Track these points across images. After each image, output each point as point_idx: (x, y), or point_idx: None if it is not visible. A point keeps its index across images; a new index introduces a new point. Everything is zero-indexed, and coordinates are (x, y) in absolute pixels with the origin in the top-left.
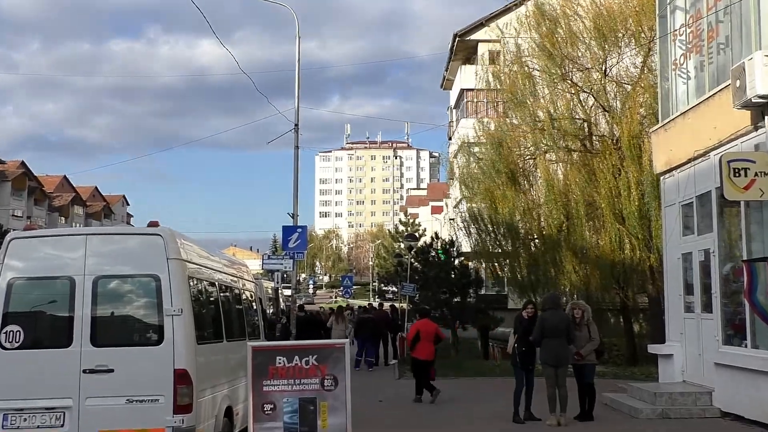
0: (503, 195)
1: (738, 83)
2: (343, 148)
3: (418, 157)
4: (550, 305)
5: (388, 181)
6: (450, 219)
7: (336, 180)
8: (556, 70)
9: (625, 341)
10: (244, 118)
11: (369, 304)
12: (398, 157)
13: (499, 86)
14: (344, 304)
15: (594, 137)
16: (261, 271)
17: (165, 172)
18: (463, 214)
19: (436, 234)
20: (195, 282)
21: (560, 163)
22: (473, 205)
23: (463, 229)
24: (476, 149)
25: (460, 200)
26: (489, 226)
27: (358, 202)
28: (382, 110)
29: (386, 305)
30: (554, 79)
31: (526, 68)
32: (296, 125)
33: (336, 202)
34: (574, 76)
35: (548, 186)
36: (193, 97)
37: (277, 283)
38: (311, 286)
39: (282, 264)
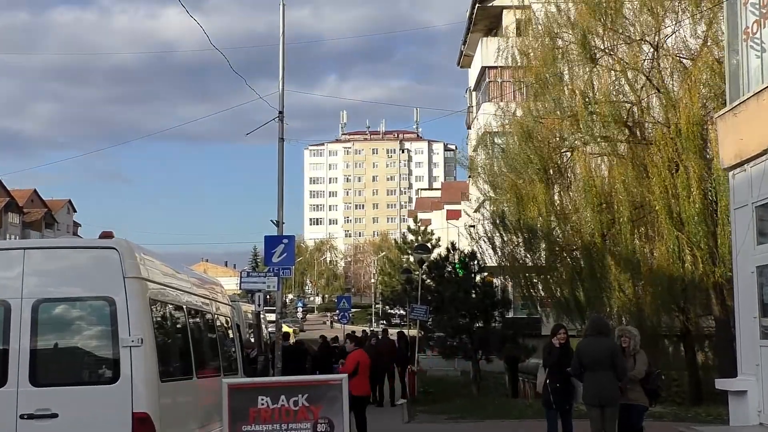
0: (534, 196)
1: None
2: (338, 140)
3: (430, 150)
4: (591, 331)
5: (393, 180)
6: (470, 226)
7: (330, 179)
8: (598, 42)
9: (687, 375)
10: (219, 105)
11: (366, 331)
12: (405, 151)
13: (527, 63)
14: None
15: (645, 124)
16: (239, 292)
17: (121, 171)
18: (486, 220)
19: (452, 244)
20: (158, 306)
21: (603, 157)
22: (498, 209)
23: (485, 238)
24: (501, 140)
25: (482, 203)
26: (517, 234)
27: (356, 206)
28: (387, 94)
29: (391, 332)
30: (595, 54)
31: (560, 41)
32: (281, 113)
33: (330, 207)
34: (619, 50)
35: (588, 185)
36: (155, 80)
37: (259, 306)
38: (300, 310)
39: (264, 283)
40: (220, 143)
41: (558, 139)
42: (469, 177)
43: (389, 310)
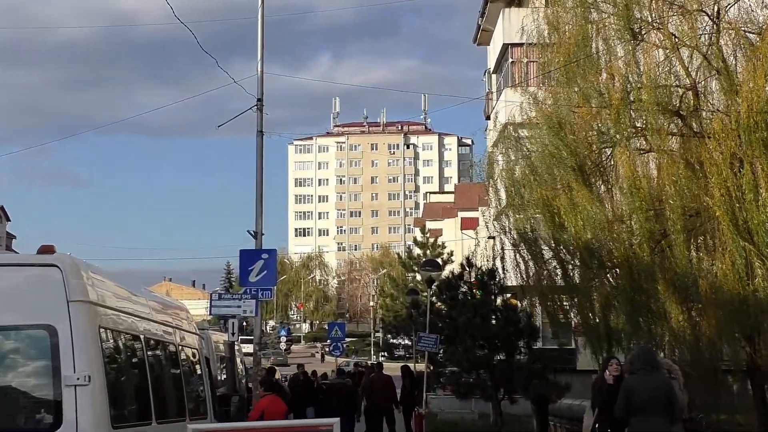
0: (567, 202)
1: None
2: (329, 134)
3: (440, 145)
4: (641, 364)
5: (396, 182)
6: (489, 237)
7: (320, 181)
8: (644, 13)
9: (755, 417)
10: (187, 92)
11: (359, 365)
12: (411, 146)
13: (558, 40)
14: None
15: (702, 113)
16: (208, 318)
17: (67, 171)
18: (509, 231)
19: (468, 260)
20: (110, 335)
21: (651, 153)
22: (522, 217)
23: (508, 252)
24: (526, 133)
25: (504, 210)
26: (547, 247)
27: (352, 213)
28: (389, 77)
29: (394, 366)
30: (641, 28)
31: (595, 12)
32: (259, 100)
33: (320, 215)
34: (670, 23)
35: (633, 187)
36: (110, 61)
37: (233, 335)
38: (284, 339)
39: (239, 307)
40: (188, 138)
41: (595, 132)
42: (488, 179)
43: (391, 340)
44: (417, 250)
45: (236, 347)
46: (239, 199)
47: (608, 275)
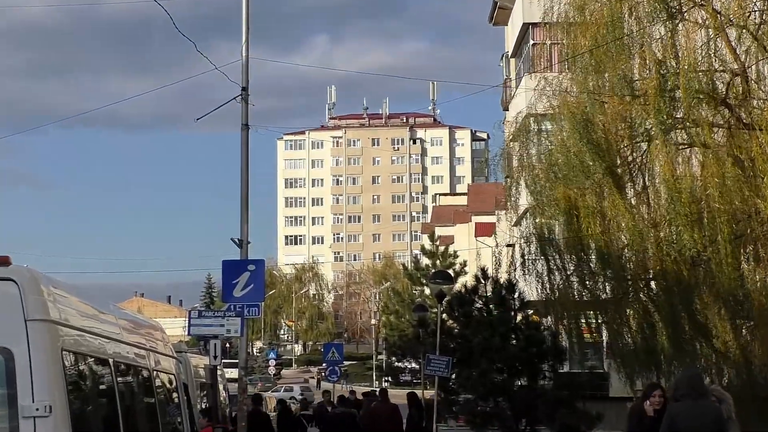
0: (595, 205)
1: None
2: (324, 127)
3: (451, 140)
4: (687, 390)
5: (401, 182)
6: (507, 245)
7: (313, 181)
8: None
9: None
10: (163, 80)
11: (355, 393)
12: (418, 141)
13: (584, 19)
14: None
15: (753, 102)
16: (186, 339)
17: (27, 170)
18: (530, 238)
19: (483, 271)
20: (74, 359)
21: (693, 149)
22: (544, 223)
23: (529, 262)
24: (549, 126)
25: (525, 214)
26: (573, 257)
27: (350, 218)
28: (393, 62)
29: (399, 393)
30: (680, 5)
31: None
32: (244, 89)
33: (314, 220)
34: (714, 0)
35: (671, 189)
36: (73, 45)
37: (215, 358)
38: (273, 363)
39: (222, 326)
40: (166, 132)
41: (628, 125)
42: (506, 178)
43: (396, 363)
44: (425, 260)
45: (219, 372)
46: (222, 202)
47: (645, 289)
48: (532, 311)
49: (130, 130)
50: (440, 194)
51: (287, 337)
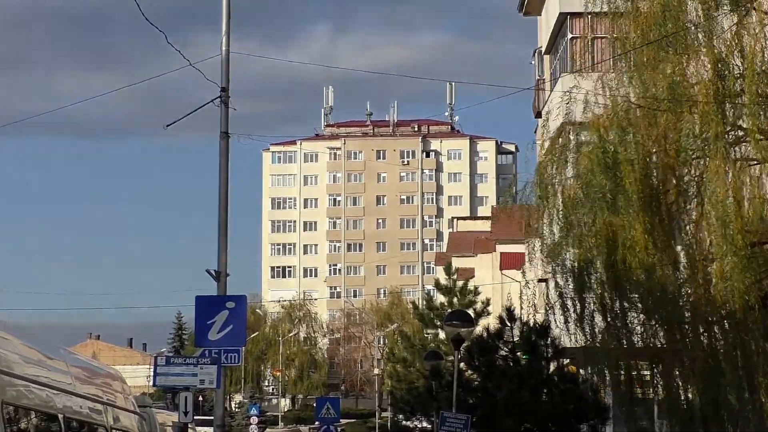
0: (645, 236)
1: None
2: (319, 136)
3: (472, 153)
4: None
5: (411, 203)
6: (539, 280)
7: (305, 202)
8: None
9: None
10: (124, 78)
11: None
12: (432, 154)
13: (633, 9)
14: None
15: None
16: (151, 391)
17: None
18: (566, 273)
19: (510, 312)
20: (17, 414)
21: (762, 165)
22: (584, 254)
23: (566, 302)
24: (589, 137)
25: (560, 244)
26: (618, 296)
27: (350, 245)
28: (404, 59)
29: None
30: None
31: None
32: (224, 90)
33: (306, 248)
34: None
35: (723, 217)
36: (22, 34)
37: (186, 414)
38: (255, 421)
39: (195, 375)
40: (129, 139)
41: (683, 136)
42: (540, 199)
43: (404, 422)
44: (440, 298)
45: (190, 431)
46: (197, 226)
47: (708, 333)
48: (568, 360)
49: (83, 137)
50: (458, 218)
51: (272, 389)
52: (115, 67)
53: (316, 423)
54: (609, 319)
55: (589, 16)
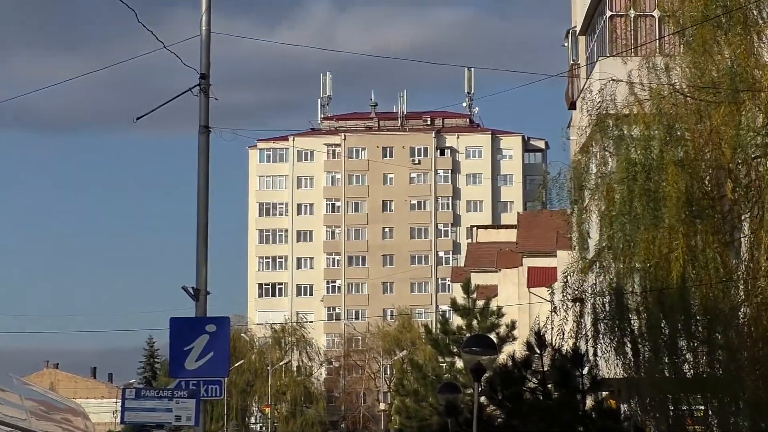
0: (696, 249)
1: None
2: (315, 131)
3: (495, 150)
4: None
5: (423, 209)
6: (573, 300)
7: (299, 207)
8: None
9: None
10: (91, 62)
11: None
12: (447, 151)
13: None
14: None
15: None
16: (119, 429)
17: None
18: (605, 291)
19: (539, 336)
20: None
21: None
22: (626, 270)
23: (605, 325)
24: (633, 131)
25: (597, 257)
26: (662, 318)
27: (351, 259)
28: (415, 41)
29: None
30: None
31: None
32: (203, 76)
33: (299, 261)
34: None
35: None
36: None
37: None
38: None
39: (169, 411)
40: (95, 133)
41: (738, 132)
42: (573, 204)
43: None
44: (457, 320)
45: None
46: (172, 236)
47: (764, 365)
48: (607, 393)
49: (43, 131)
50: (478, 227)
51: (261, 427)
52: (82, 52)
53: None
54: (656, 346)
55: None
